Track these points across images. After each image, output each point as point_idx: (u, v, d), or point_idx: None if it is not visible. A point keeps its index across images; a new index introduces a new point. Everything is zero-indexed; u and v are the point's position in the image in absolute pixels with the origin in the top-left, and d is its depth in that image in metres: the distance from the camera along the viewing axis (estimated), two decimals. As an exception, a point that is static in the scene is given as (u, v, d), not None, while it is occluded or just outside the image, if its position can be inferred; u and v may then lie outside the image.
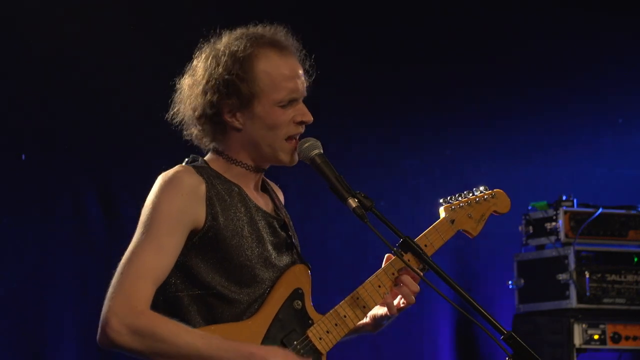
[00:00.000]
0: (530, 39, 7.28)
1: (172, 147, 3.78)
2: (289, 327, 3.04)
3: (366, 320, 3.25)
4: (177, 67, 3.21)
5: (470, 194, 3.33)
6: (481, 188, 3.36)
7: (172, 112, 3.16)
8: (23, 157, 5.84)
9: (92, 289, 5.76)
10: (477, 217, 3.32)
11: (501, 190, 3.39)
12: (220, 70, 3.04)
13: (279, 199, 3.26)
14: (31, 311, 5.77)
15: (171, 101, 3.18)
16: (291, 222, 3.22)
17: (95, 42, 5.96)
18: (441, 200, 3.32)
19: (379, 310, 3.22)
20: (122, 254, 2.96)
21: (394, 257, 3.15)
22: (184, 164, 3.11)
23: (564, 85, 7.36)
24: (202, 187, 2.98)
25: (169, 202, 2.94)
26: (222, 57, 3.05)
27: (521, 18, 7.27)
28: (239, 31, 3.12)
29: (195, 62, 3.12)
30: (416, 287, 3.14)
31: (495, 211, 3.36)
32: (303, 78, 3.11)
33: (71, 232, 5.89)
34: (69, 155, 5.92)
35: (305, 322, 3.07)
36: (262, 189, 3.20)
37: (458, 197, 3.32)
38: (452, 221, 3.28)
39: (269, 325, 3.01)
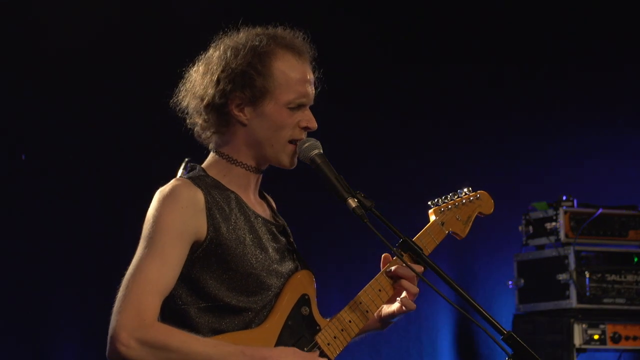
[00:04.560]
0: (530, 39, 7.28)
1: (173, 147, 3.78)
2: (299, 334, 3.04)
3: (373, 318, 3.24)
4: (178, 66, 3.21)
5: (456, 196, 3.37)
6: (465, 190, 3.39)
7: (177, 99, 3.14)
8: (23, 157, 5.84)
9: (92, 289, 5.76)
10: (464, 218, 3.35)
11: (485, 192, 3.42)
12: (239, 61, 3.03)
13: (274, 206, 3.26)
14: (31, 311, 5.78)
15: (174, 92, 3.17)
16: (288, 228, 3.22)
17: (95, 42, 5.97)
18: (429, 203, 3.35)
19: (386, 308, 3.22)
20: (122, 254, 2.96)
21: (392, 259, 3.15)
22: (180, 171, 3.10)
23: (564, 85, 7.37)
24: (201, 199, 2.97)
25: (170, 215, 2.92)
26: (242, 50, 3.04)
27: (521, 20, 7.27)
28: (259, 29, 3.12)
29: (211, 52, 3.11)
30: (415, 289, 3.14)
31: (480, 212, 3.40)
32: (313, 85, 3.11)
33: (71, 232, 5.89)
34: (69, 155, 5.92)
35: (313, 328, 3.07)
36: (259, 196, 3.19)
37: (444, 199, 3.35)
38: (442, 223, 3.31)
39: (279, 332, 3.01)
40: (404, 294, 3.14)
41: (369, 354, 6.71)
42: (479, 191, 3.41)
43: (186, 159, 3.14)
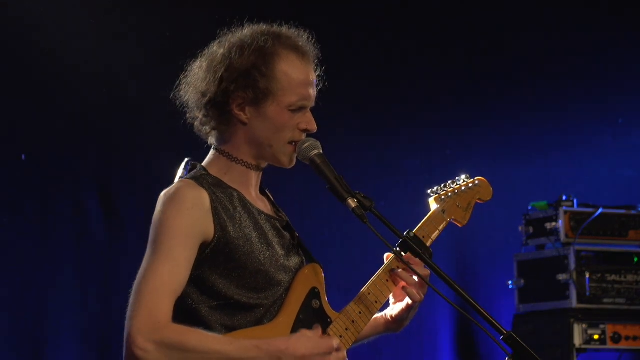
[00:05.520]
0: (530, 39, 7.29)
1: (173, 148, 3.79)
2: (311, 327, 3.05)
3: (387, 318, 3.27)
4: (178, 66, 3.21)
5: (455, 184, 3.38)
6: (463, 177, 3.41)
7: (178, 93, 3.14)
8: (23, 157, 5.84)
9: (92, 289, 5.76)
10: (464, 205, 3.36)
11: (483, 178, 3.44)
12: (243, 61, 3.02)
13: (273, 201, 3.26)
14: (31, 311, 5.78)
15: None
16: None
17: (94, 42, 5.97)
18: (429, 192, 3.37)
19: (397, 306, 3.24)
20: (122, 254, 2.96)
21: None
22: (180, 171, 3.09)
23: (564, 85, 7.37)
24: (206, 199, 2.97)
25: (176, 217, 2.92)
26: (247, 50, 3.03)
27: (521, 18, 7.27)
28: (264, 27, 3.10)
29: (215, 48, 3.10)
30: (413, 280, 3.15)
31: (479, 199, 3.41)
32: (315, 87, 3.11)
33: (71, 232, 5.89)
34: (69, 155, 5.92)
35: (325, 320, 3.07)
36: (259, 192, 3.19)
37: (444, 187, 3.38)
38: (444, 211, 3.33)
39: (291, 326, 3.02)
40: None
41: (369, 354, 6.71)
42: (477, 177, 3.43)
43: (186, 159, 3.14)
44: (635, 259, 6.46)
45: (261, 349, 2.87)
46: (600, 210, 6.45)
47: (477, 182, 3.41)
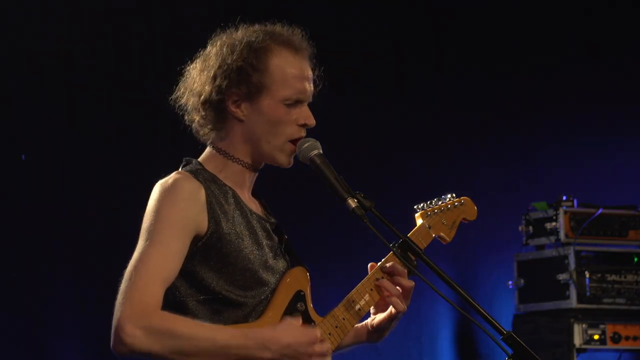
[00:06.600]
0: (529, 39, 7.29)
1: (172, 147, 3.78)
2: None
3: (368, 328, 3.28)
4: (177, 65, 3.21)
5: (440, 202, 3.40)
6: (449, 195, 3.43)
7: (176, 96, 3.14)
8: (23, 157, 5.84)
9: (92, 289, 5.76)
10: (449, 223, 3.38)
11: (468, 198, 3.46)
12: (235, 57, 3.03)
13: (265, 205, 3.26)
14: (31, 311, 5.78)
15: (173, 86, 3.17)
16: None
17: (94, 42, 5.97)
18: (415, 207, 3.38)
19: (379, 316, 3.25)
20: (122, 254, 2.96)
21: (381, 261, 3.17)
22: (180, 169, 3.10)
23: (564, 85, 7.36)
24: (202, 193, 2.97)
25: (171, 208, 2.92)
26: (238, 46, 3.04)
27: (520, 18, 7.27)
28: (257, 26, 3.12)
29: (208, 49, 3.11)
30: (396, 291, 3.15)
31: (464, 218, 3.43)
32: (311, 82, 3.11)
33: (71, 232, 5.89)
34: (69, 155, 5.92)
35: (308, 324, 3.07)
36: (252, 193, 3.19)
37: (430, 204, 3.39)
38: (430, 227, 3.34)
39: None
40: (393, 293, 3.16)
41: (368, 354, 6.71)
42: (462, 197, 3.45)
43: (185, 159, 3.14)
44: (635, 259, 6.47)
45: (248, 337, 2.86)
46: (600, 210, 6.46)
47: (462, 201, 3.44)
